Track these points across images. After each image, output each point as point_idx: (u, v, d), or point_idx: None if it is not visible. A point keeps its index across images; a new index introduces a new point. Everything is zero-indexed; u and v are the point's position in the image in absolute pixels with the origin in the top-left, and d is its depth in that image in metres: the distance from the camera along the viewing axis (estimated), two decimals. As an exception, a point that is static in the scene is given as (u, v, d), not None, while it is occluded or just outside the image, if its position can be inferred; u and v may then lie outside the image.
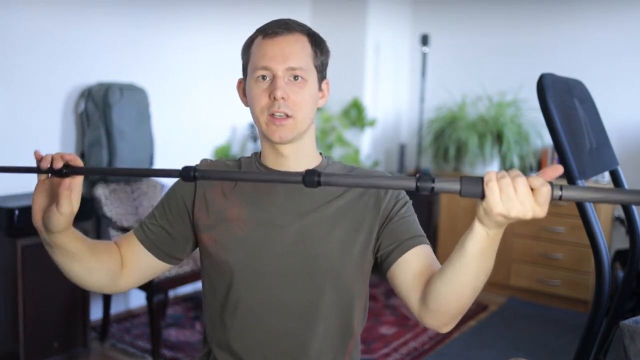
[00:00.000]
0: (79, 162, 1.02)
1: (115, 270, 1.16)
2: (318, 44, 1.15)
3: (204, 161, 1.24)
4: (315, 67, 1.14)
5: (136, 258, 1.20)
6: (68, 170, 1.00)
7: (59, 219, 1.01)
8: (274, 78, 1.09)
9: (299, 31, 1.13)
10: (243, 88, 1.18)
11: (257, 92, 1.10)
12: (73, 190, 1.00)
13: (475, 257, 0.93)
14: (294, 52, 1.10)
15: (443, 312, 1.02)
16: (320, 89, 1.17)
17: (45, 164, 1.00)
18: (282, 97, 1.08)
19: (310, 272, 1.13)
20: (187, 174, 0.94)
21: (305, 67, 1.11)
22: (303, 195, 1.15)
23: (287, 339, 1.14)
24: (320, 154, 1.23)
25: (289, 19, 1.15)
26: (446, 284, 0.98)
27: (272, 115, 1.09)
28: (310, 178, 0.89)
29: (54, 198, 1.03)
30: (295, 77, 1.10)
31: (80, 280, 1.13)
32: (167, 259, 1.22)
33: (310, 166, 1.18)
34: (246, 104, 1.18)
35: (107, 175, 3.03)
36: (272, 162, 1.18)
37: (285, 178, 0.98)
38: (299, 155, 1.16)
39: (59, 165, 1.00)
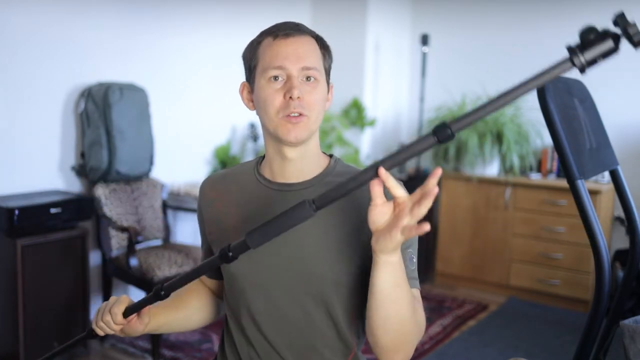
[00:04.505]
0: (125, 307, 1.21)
1: (210, 303, 1.31)
2: (326, 48, 1.15)
3: (209, 179, 1.26)
4: (325, 69, 1.14)
5: (215, 287, 1.32)
6: (165, 292, 1.18)
7: (141, 326, 1.22)
8: (288, 78, 1.07)
9: (308, 33, 1.12)
10: (248, 91, 1.16)
11: (270, 92, 1.08)
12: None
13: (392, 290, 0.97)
14: (307, 52, 1.09)
15: (378, 346, 1.08)
16: (327, 91, 1.16)
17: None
18: (298, 97, 1.06)
19: (306, 288, 1.11)
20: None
21: (318, 67, 1.11)
22: None
23: (287, 351, 1.14)
24: (331, 156, 1.20)
25: (295, 22, 1.14)
26: (375, 327, 1.04)
27: (288, 115, 1.07)
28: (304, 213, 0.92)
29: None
30: (308, 78, 1.09)
31: (185, 329, 1.31)
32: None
33: (317, 170, 1.16)
34: (252, 107, 1.16)
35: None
36: (276, 167, 1.15)
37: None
38: (304, 160, 1.14)
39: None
